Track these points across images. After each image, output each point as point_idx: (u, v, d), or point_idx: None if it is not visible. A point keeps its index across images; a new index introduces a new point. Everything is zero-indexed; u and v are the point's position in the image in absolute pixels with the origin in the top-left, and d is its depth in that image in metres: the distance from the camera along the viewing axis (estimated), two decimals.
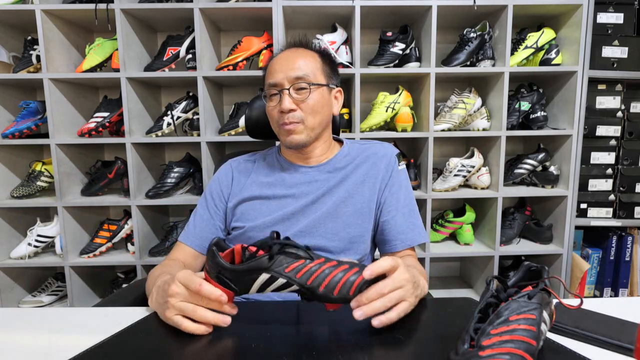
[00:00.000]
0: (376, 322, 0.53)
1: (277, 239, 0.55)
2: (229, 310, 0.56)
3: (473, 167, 1.63)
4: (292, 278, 0.52)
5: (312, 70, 0.84)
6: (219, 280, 0.54)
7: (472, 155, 1.66)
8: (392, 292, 0.54)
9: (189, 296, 0.55)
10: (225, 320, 0.55)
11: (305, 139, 0.85)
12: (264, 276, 0.53)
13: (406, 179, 0.92)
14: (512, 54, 1.58)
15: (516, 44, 1.60)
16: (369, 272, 0.53)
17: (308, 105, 0.83)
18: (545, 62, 1.60)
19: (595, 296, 1.75)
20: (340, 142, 0.97)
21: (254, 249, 0.55)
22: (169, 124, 1.60)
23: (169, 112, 1.61)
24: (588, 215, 1.67)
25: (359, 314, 0.52)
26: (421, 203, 1.62)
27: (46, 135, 1.55)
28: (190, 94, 1.66)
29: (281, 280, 0.53)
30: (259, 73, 1.52)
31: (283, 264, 0.53)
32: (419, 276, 0.64)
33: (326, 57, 0.90)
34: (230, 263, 0.54)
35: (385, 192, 0.88)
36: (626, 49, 1.59)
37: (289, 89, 0.82)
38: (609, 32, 1.59)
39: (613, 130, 1.63)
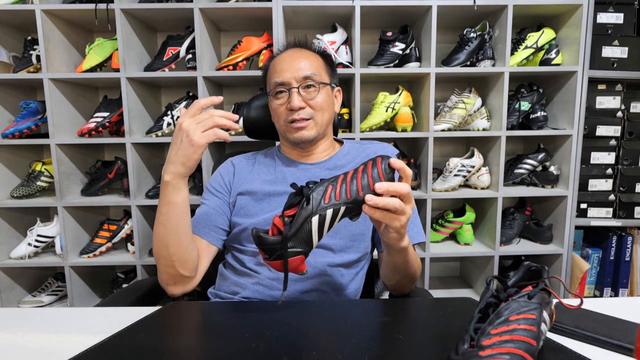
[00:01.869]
0: (369, 211, 0.57)
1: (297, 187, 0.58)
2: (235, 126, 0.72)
3: (473, 167, 1.63)
4: (335, 203, 0.55)
5: (317, 69, 0.87)
6: (286, 256, 0.55)
7: (472, 155, 1.66)
8: (399, 205, 0.58)
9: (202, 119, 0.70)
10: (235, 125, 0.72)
11: (314, 135, 0.87)
12: (315, 220, 0.55)
13: None
14: (512, 54, 1.58)
15: (516, 44, 1.60)
16: (384, 188, 0.56)
17: (317, 103, 0.86)
18: (545, 62, 1.60)
19: (595, 296, 1.75)
20: (340, 142, 0.98)
21: (290, 211, 0.57)
22: (169, 124, 1.60)
23: (169, 112, 1.61)
24: (588, 215, 1.67)
25: (371, 201, 0.56)
26: (421, 203, 1.62)
27: (46, 135, 1.55)
28: (190, 94, 1.66)
29: (329, 212, 0.55)
30: (259, 73, 1.52)
31: (319, 199, 0.55)
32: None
33: (327, 57, 0.93)
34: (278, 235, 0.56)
35: None
36: (626, 49, 1.59)
37: (298, 88, 0.84)
38: (609, 32, 1.59)
39: (613, 130, 1.63)
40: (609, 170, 1.65)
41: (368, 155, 0.92)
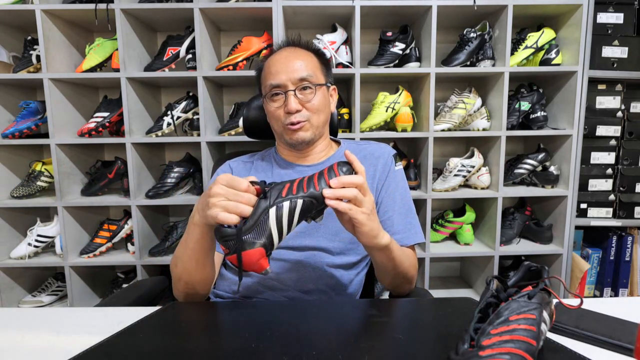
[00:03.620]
0: (331, 202, 0.59)
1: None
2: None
3: (473, 167, 1.63)
4: (292, 196, 0.57)
5: (312, 70, 0.85)
6: (240, 247, 0.55)
7: (472, 155, 1.66)
8: (357, 194, 0.61)
9: (230, 194, 0.58)
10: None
11: (311, 136, 0.86)
12: (272, 212, 0.56)
13: (403, 179, 0.92)
14: (512, 54, 1.58)
15: (516, 44, 1.60)
16: (337, 182, 0.60)
17: (314, 105, 0.85)
18: (545, 62, 1.60)
19: (595, 296, 1.75)
20: (337, 142, 0.98)
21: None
22: (169, 124, 1.60)
23: (169, 112, 1.61)
24: (588, 215, 1.67)
25: (328, 192, 0.58)
26: (421, 203, 1.62)
27: (46, 135, 1.55)
28: (190, 94, 1.66)
29: (286, 205, 0.56)
30: None
31: (276, 194, 0.57)
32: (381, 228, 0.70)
33: (321, 56, 0.91)
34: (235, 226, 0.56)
35: (382, 192, 0.88)
36: (626, 49, 1.59)
37: (294, 90, 0.83)
38: (609, 32, 1.59)
39: (613, 130, 1.63)
40: (609, 170, 1.65)
41: (365, 157, 0.91)
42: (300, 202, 0.57)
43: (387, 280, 0.80)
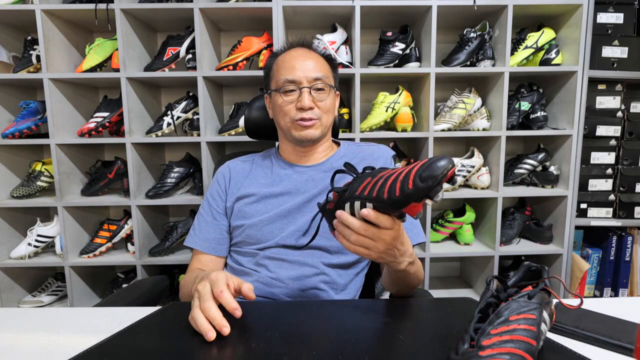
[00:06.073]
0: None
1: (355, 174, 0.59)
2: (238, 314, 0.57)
3: (473, 167, 1.63)
4: (361, 196, 0.54)
5: (325, 73, 0.88)
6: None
7: (472, 155, 1.66)
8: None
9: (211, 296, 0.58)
10: (223, 329, 0.54)
11: (319, 135, 0.88)
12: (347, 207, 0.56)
13: None
14: (512, 54, 1.58)
15: (516, 44, 1.60)
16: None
17: (325, 105, 0.87)
18: (545, 62, 1.60)
19: (595, 296, 1.75)
20: (337, 143, 0.99)
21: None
22: (169, 124, 1.60)
23: (169, 112, 1.61)
24: (588, 215, 1.67)
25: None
26: None
27: (46, 135, 1.55)
28: (190, 94, 1.66)
29: (357, 204, 0.55)
30: (259, 73, 1.52)
31: (354, 189, 0.56)
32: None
33: (331, 61, 0.94)
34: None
35: None
36: (626, 49, 1.58)
37: (309, 88, 0.85)
38: (609, 32, 1.59)
39: (613, 130, 1.63)
40: (609, 170, 1.65)
41: (364, 158, 0.93)
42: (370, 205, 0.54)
43: (394, 290, 0.81)
